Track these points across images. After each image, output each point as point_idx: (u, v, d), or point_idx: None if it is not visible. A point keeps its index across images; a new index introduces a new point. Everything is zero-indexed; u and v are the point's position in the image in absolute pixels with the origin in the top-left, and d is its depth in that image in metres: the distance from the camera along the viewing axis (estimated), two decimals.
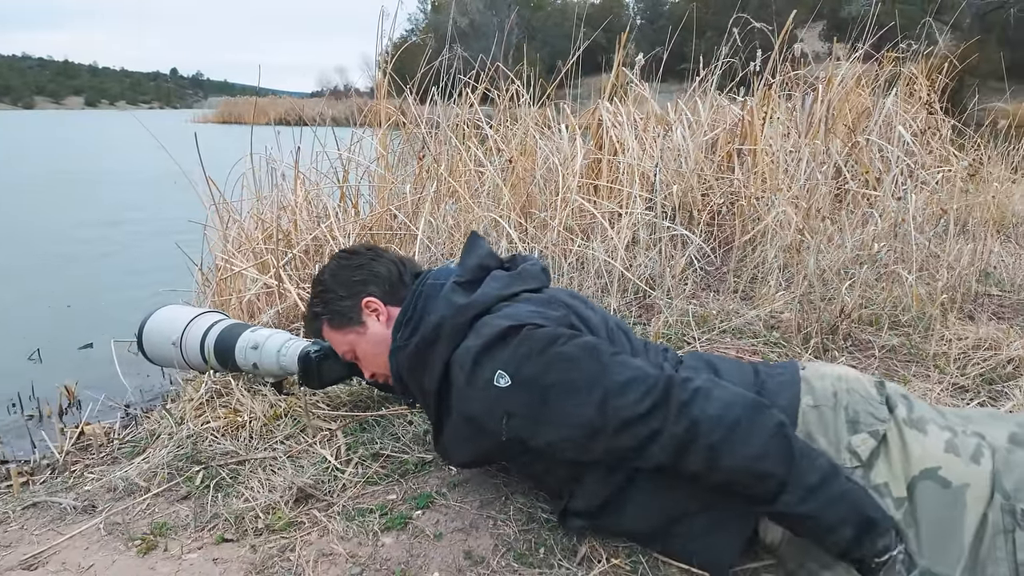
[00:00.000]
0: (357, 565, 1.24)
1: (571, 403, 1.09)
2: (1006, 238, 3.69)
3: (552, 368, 1.11)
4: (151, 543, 1.31)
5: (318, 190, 2.92)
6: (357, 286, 1.42)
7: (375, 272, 1.43)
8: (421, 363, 1.28)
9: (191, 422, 1.70)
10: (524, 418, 1.14)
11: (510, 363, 1.13)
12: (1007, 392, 1.94)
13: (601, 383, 1.08)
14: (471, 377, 1.18)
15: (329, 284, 1.44)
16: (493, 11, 21.44)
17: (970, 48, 6.09)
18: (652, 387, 1.06)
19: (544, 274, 1.40)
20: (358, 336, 1.43)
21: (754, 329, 2.39)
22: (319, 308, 1.46)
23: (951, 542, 0.99)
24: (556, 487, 1.31)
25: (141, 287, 3.64)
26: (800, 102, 4.09)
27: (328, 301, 1.44)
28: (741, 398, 1.06)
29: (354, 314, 1.42)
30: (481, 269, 1.35)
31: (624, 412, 1.06)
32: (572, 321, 1.22)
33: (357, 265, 1.44)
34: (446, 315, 1.25)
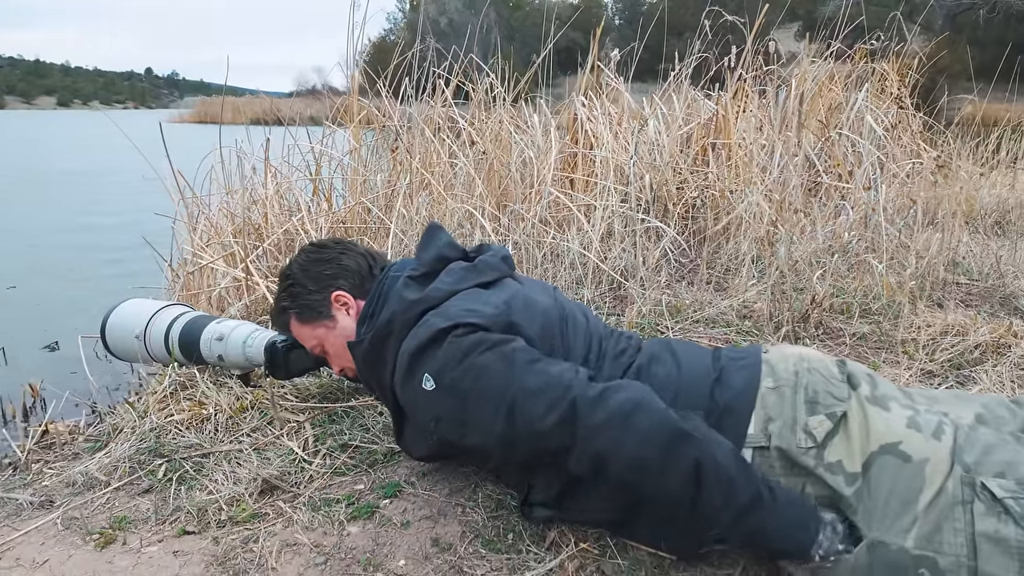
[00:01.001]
0: (321, 555, 1.22)
1: (484, 413, 1.10)
2: (974, 229, 3.75)
3: (468, 376, 1.11)
4: (110, 537, 1.27)
5: (290, 184, 2.89)
6: (327, 279, 1.40)
7: (344, 265, 1.41)
8: (376, 358, 1.28)
9: (154, 415, 1.67)
10: (450, 422, 1.15)
11: (435, 367, 1.14)
12: (974, 376, 1.96)
13: (509, 393, 1.08)
14: (405, 378, 1.19)
15: (298, 277, 1.42)
16: (472, 10, 21.41)
17: (940, 47, 6.19)
18: (558, 401, 1.05)
19: (505, 263, 1.37)
20: (327, 330, 1.41)
21: (727, 319, 2.40)
22: (287, 302, 1.44)
23: (905, 512, 0.99)
24: (515, 481, 1.31)
25: (110, 284, 3.57)
26: (773, 97, 4.13)
27: (296, 295, 1.42)
28: (657, 434, 1.02)
29: (323, 308, 1.40)
30: (439, 261, 1.33)
31: (531, 424, 1.06)
32: (510, 319, 1.19)
33: (327, 259, 1.42)
34: (396, 310, 1.24)
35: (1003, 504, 0.95)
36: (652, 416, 1.03)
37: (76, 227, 6.04)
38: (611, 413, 1.03)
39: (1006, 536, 0.93)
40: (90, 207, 7.01)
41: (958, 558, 0.94)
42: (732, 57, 3.99)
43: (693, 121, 3.86)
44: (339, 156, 3.05)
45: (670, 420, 1.03)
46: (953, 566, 0.94)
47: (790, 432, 1.09)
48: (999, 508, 0.95)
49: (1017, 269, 2.94)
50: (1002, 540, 0.93)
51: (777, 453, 1.09)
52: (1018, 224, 3.88)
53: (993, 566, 0.93)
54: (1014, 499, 0.95)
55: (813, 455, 1.07)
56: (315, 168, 2.97)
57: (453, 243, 1.39)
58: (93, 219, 6.38)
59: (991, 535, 0.94)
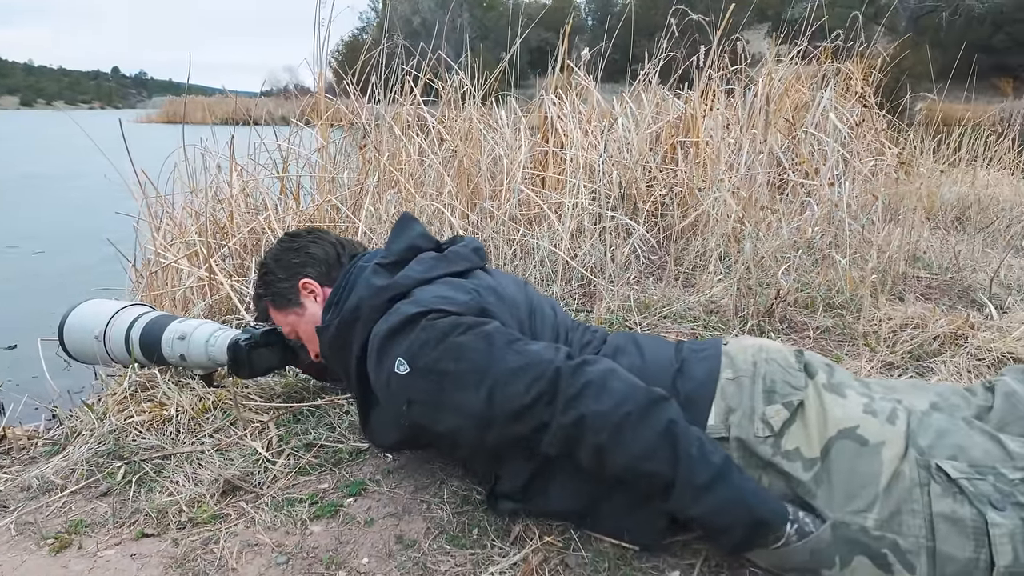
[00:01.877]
0: (283, 554, 1.20)
1: (463, 393, 1.10)
2: (934, 225, 3.84)
3: (446, 357, 1.11)
4: (65, 541, 1.24)
5: (256, 182, 2.85)
6: (295, 268, 1.45)
7: (312, 254, 1.45)
8: (342, 343, 1.29)
9: (114, 417, 1.63)
10: (423, 405, 1.15)
11: (409, 351, 1.14)
12: (933, 367, 2.01)
13: (491, 372, 1.09)
14: (377, 362, 1.19)
15: (271, 266, 1.48)
16: (445, 10, 21.35)
17: (903, 47, 6.32)
18: (539, 376, 1.06)
19: (476, 254, 1.40)
20: (298, 317, 1.46)
21: (694, 314, 2.42)
22: (262, 290, 1.50)
23: (864, 494, 1.01)
24: (482, 471, 1.31)
25: (72, 286, 3.49)
26: (741, 96, 4.18)
27: (269, 283, 1.48)
28: (633, 394, 1.04)
29: (292, 295, 1.45)
30: (409, 251, 1.35)
31: (511, 402, 1.07)
32: (483, 305, 1.21)
33: (296, 247, 1.47)
34: (364, 296, 1.26)
35: (958, 485, 0.98)
36: (627, 380, 1.07)
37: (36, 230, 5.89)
38: (589, 379, 1.05)
39: (962, 516, 0.95)
40: (52, 209, 6.85)
41: (917, 539, 0.97)
42: (700, 56, 4.03)
43: (662, 120, 3.89)
44: (307, 154, 3.02)
45: (643, 386, 1.06)
46: (914, 547, 0.97)
47: (748, 422, 1.11)
48: (954, 489, 0.98)
49: (975, 263, 3.01)
50: (958, 520, 0.95)
51: (736, 443, 1.10)
52: (976, 220, 3.98)
53: (950, 546, 0.95)
54: (968, 479, 0.98)
55: (771, 444, 1.08)
56: (282, 166, 2.93)
57: (426, 234, 1.41)
58: (55, 221, 6.24)
59: (948, 515, 0.96)
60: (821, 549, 1.01)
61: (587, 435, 1.04)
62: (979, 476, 0.98)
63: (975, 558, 0.94)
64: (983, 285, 2.67)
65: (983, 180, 4.60)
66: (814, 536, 1.01)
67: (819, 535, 1.01)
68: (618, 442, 1.03)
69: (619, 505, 1.17)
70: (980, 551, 0.94)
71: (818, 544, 1.01)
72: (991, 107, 7.18)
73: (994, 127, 5.49)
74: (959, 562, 0.94)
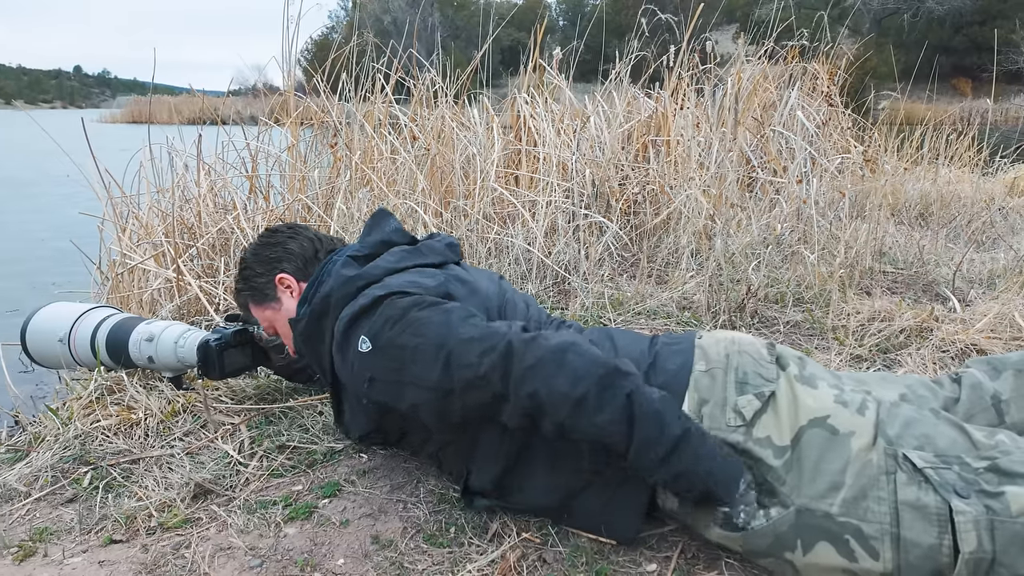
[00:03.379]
0: (257, 557, 1.18)
1: (422, 365, 1.12)
2: (899, 221, 3.92)
3: (406, 332, 1.13)
4: (29, 549, 1.21)
5: (225, 182, 2.80)
6: (272, 263, 1.44)
7: (289, 249, 1.45)
8: (313, 334, 1.30)
9: (79, 421, 1.59)
10: (384, 382, 1.17)
11: (371, 329, 1.17)
12: (900, 360, 2.05)
13: (447, 344, 1.10)
14: (341, 344, 1.21)
15: (249, 261, 1.48)
16: (415, 9, 21.23)
17: (867, 48, 6.45)
18: (492, 348, 1.08)
19: (449, 249, 1.41)
20: (274, 312, 1.45)
21: (667, 310, 2.44)
22: (240, 285, 1.49)
23: (831, 479, 1.03)
24: (455, 465, 1.31)
25: (35, 288, 3.40)
26: (710, 95, 4.23)
27: (247, 278, 1.47)
28: (592, 369, 1.05)
29: (269, 290, 1.44)
30: (383, 245, 1.37)
31: (465, 372, 1.09)
32: (448, 290, 1.23)
33: (274, 243, 1.47)
34: (334, 287, 1.27)
35: (923, 474, 1.00)
36: (584, 355, 1.06)
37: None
38: (544, 353, 1.06)
39: (926, 504, 0.98)
40: (11, 213, 6.65)
41: (882, 525, 0.99)
42: (671, 56, 4.07)
43: (633, 119, 3.92)
44: (276, 153, 2.98)
45: (602, 358, 1.07)
46: (877, 533, 0.99)
47: (720, 412, 1.12)
48: (920, 478, 1.00)
49: (938, 258, 3.09)
50: (923, 507, 0.98)
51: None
52: (939, 216, 4.08)
53: (914, 532, 0.97)
54: (933, 469, 1.00)
55: (742, 432, 1.10)
56: (251, 165, 2.89)
57: (400, 229, 1.43)
58: (14, 223, 6.06)
59: (913, 503, 0.98)
60: (784, 532, 1.03)
61: (546, 411, 1.05)
62: (944, 465, 1.01)
63: (938, 544, 0.96)
64: (946, 279, 2.73)
65: (945, 177, 4.71)
66: (772, 524, 1.04)
67: (782, 521, 1.03)
68: (577, 421, 1.05)
69: (595, 500, 1.18)
70: (944, 537, 0.96)
71: (781, 528, 1.03)
72: (951, 107, 7.36)
73: (954, 126, 5.62)
74: (922, 548, 0.97)
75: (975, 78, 21.84)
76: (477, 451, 1.23)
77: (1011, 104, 16.29)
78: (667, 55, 4.06)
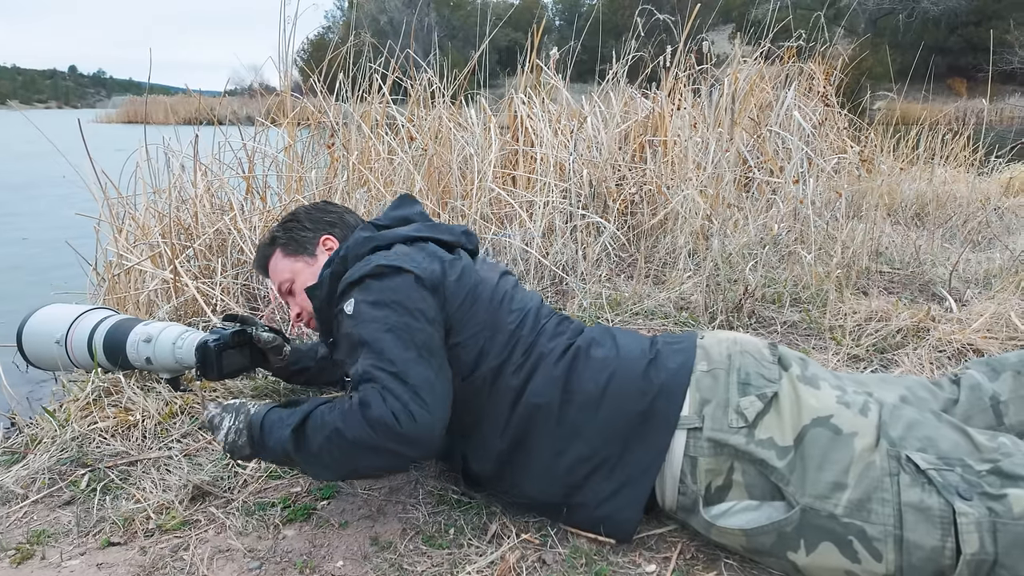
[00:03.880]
0: (256, 559, 1.18)
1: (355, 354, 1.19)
2: (895, 221, 3.94)
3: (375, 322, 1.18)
4: (27, 552, 1.21)
5: (221, 182, 2.79)
6: (323, 224, 1.49)
7: (345, 220, 1.51)
8: (331, 294, 1.32)
9: (76, 423, 1.58)
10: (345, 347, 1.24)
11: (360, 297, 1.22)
12: (896, 359, 2.06)
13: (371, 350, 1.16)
14: (337, 298, 1.28)
15: (300, 216, 1.51)
16: (412, 9, 21.21)
17: (863, 48, 6.47)
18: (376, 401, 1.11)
19: (465, 236, 1.44)
20: (305, 265, 1.46)
21: (665, 310, 2.44)
22: (279, 232, 1.51)
23: (835, 481, 1.03)
24: (452, 454, 1.32)
25: (31, 289, 3.38)
26: (707, 96, 4.23)
27: (291, 229, 1.50)
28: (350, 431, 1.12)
29: (310, 245, 1.47)
30: (403, 220, 1.42)
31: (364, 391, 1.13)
32: (442, 281, 1.25)
33: (332, 210, 1.53)
34: (350, 245, 1.33)
35: (927, 475, 1.00)
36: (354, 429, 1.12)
37: None
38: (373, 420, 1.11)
39: (930, 506, 0.98)
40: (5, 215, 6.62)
41: (885, 527, 0.99)
42: (667, 56, 4.07)
43: (630, 119, 3.92)
44: (273, 153, 2.97)
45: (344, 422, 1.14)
46: (881, 535, 0.99)
47: (722, 413, 1.12)
48: (923, 479, 1.00)
49: (934, 258, 3.10)
50: (926, 509, 0.98)
51: (708, 435, 1.12)
52: (935, 216, 4.10)
53: (918, 534, 0.97)
54: (936, 471, 1.00)
55: (744, 434, 1.10)
56: (248, 166, 2.88)
57: (423, 212, 1.48)
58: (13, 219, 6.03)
59: (916, 505, 0.98)
60: (787, 532, 1.04)
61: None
62: (947, 467, 1.01)
63: (941, 546, 0.96)
64: (943, 279, 2.74)
65: (940, 177, 4.73)
66: (777, 524, 1.04)
67: (787, 521, 1.03)
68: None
69: (595, 495, 1.18)
70: (946, 539, 0.96)
71: (786, 528, 1.03)
72: (946, 107, 7.38)
73: (950, 126, 5.65)
74: (925, 550, 0.97)
75: (970, 78, 21.92)
76: (473, 439, 1.25)
77: (1006, 104, 16.35)
78: (664, 55, 4.06)
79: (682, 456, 1.13)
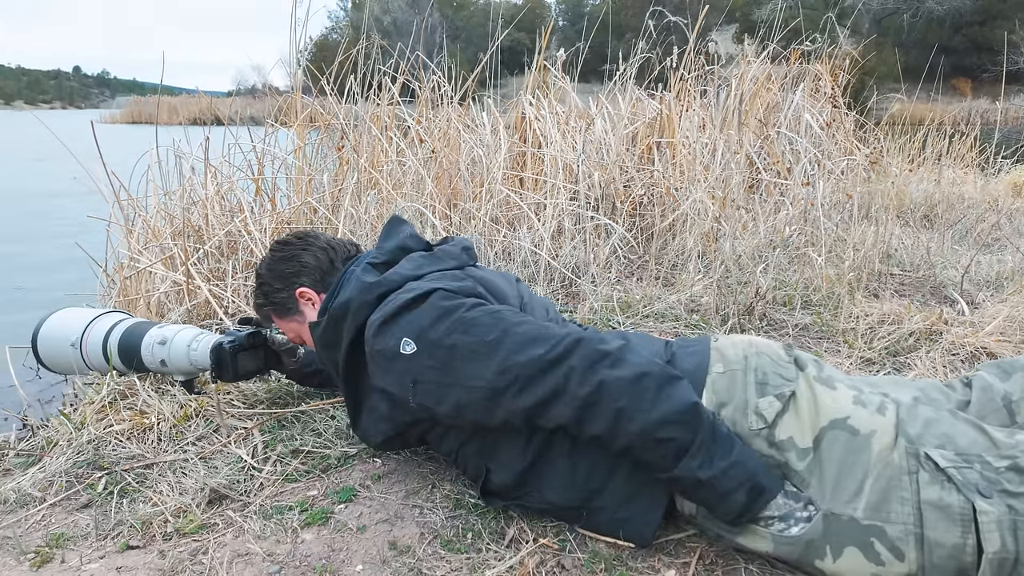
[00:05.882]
0: (275, 563, 1.18)
1: (473, 364, 1.12)
2: (905, 222, 3.92)
3: (455, 331, 1.13)
4: (46, 555, 1.21)
5: (231, 184, 2.80)
6: (290, 278, 1.45)
7: (304, 263, 1.45)
8: (331, 340, 1.30)
9: (92, 426, 1.59)
10: (429, 383, 1.16)
11: (414, 330, 1.15)
12: (909, 363, 2.05)
13: (503, 344, 1.11)
14: (378, 348, 1.20)
15: (265, 277, 1.48)
16: (416, 9, 21.23)
17: (869, 49, 6.45)
18: (557, 343, 1.09)
19: (466, 253, 1.41)
20: (299, 324, 1.47)
21: (675, 313, 2.44)
22: (261, 300, 1.50)
23: (854, 483, 1.03)
24: (473, 465, 1.31)
25: (42, 291, 3.39)
26: (714, 97, 4.23)
27: (267, 293, 1.48)
28: (654, 366, 1.08)
29: (292, 304, 1.46)
30: (400, 251, 1.37)
31: (526, 368, 1.08)
32: (479, 291, 1.24)
33: (288, 257, 1.46)
34: (354, 293, 1.27)
35: (946, 473, 1.00)
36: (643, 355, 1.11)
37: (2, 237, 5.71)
38: (608, 350, 1.09)
39: (950, 503, 0.98)
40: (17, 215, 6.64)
41: (905, 526, 0.99)
42: (675, 58, 4.07)
43: (638, 120, 3.92)
44: (283, 155, 2.98)
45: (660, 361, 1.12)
46: (901, 534, 0.99)
47: (742, 416, 1.12)
48: (942, 477, 1.00)
49: (945, 260, 3.09)
50: (946, 507, 0.98)
51: None
52: (945, 217, 4.08)
53: (938, 532, 0.97)
54: (956, 468, 1.00)
55: (764, 436, 1.10)
56: (257, 168, 2.89)
57: (415, 235, 1.44)
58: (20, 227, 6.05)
59: (936, 503, 0.98)
60: (814, 540, 1.03)
61: (606, 401, 1.05)
62: (966, 464, 1.01)
63: (962, 544, 0.96)
64: (954, 281, 2.73)
65: (948, 178, 4.72)
66: (804, 531, 1.03)
67: (811, 529, 1.03)
68: (639, 406, 1.04)
69: (615, 498, 1.17)
70: (967, 537, 0.96)
71: (809, 536, 1.03)
72: (951, 107, 7.36)
73: (956, 126, 5.63)
74: (946, 548, 0.97)
75: (974, 78, 21.86)
76: (499, 450, 1.23)
77: (1011, 104, 16.30)
78: (671, 57, 4.06)
79: None
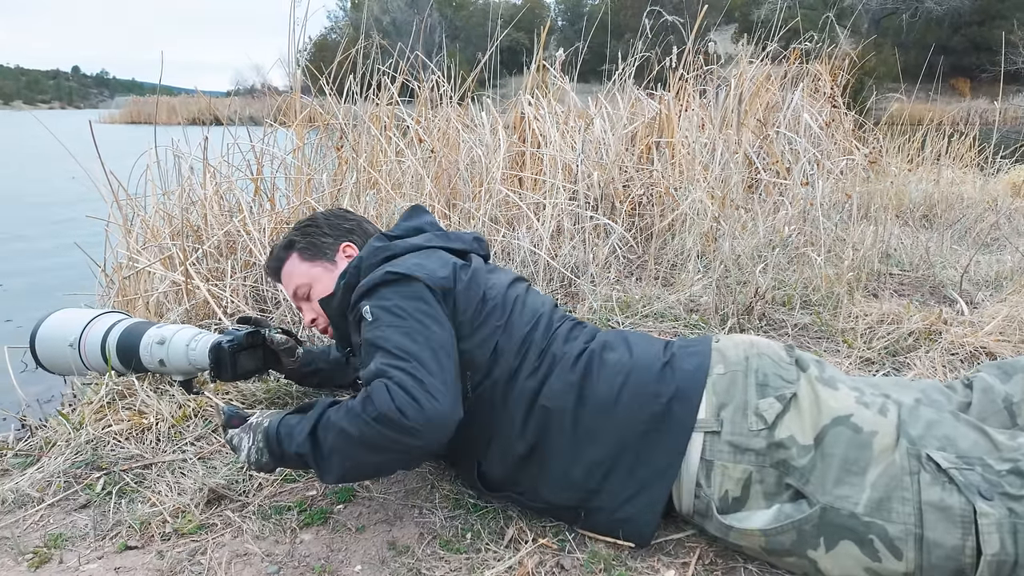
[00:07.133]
0: (274, 563, 1.18)
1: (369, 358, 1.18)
2: (904, 222, 3.93)
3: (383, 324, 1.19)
4: (44, 556, 1.20)
5: (230, 184, 2.79)
6: (343, 231, 1.51)
7: (363, 228, 1.53)
8: (344, 303, 1.33)
9: (90, 426, 1.58)
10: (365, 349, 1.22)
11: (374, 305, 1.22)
12: (909, 363, 2.05)
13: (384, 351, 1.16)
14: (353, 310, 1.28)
15: (319, 222, 1.52)
16: (415, 9, 21.23)
17: (868, 49, 6.46)
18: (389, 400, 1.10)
19: (476, 242, 1.46)
20: (324, 271, 1.47)
21: (675, 313, 2.44)
22: (297, 237, 1.51)
23: (855, 480, 1.03)
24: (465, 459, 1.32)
25: (40, 291, 3.39)
26: (714, 97, 4.23)
27: (310, 234, 1.50)
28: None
29: (330, 251, 1.48)
30: (415, 231, 1.43)
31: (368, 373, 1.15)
32: (452, 287, 1.26)
33: (351, 218, 1.55)
34: (364, 255, 1.34)
35: (947, 474, 1.00)
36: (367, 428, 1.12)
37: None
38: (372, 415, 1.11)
39: (951, 505, 0.98)
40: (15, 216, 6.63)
41: (906, 526, 0.99)
42: (674, 58, 4.07)
43: (637, 120, 3.92)
44: (282, 155, 2.97)
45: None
46: (902, 534, 0.99)
47: (742, 417, 1.12)
48: (944, 478, 1.00)
49: (944, 260, 3.09)
50: (947, 508, 0.98)
51: (728, 439, 1.12)
52: (944, 217, 4.08)
53: (938, 533, 0.97)
54: (957, 470, 1.00)
55: (764, 436, 1.10)
56: (256, 168, 2.88)
57: (434, 222, 1.49)
58: (23, 220, 6.04)
59: (937, 504, 0.98)
60: (807, 530, 1.04)
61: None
62: (968, 467, 1.01)
63: (961, 545, 0.96)
64: (953, 281, 2.73)
65: (947, 178, 4.72)
66: (798, 523, 1.04)
67: (807, 520, 1.03)
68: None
69: (613, 498, 1.18)
70: (967, 539, 0.96)
71: (806, 527, 1.03)
72: (950, 107, 7.37)
73: (955, 126, 5.64)
74: (945, 549, 0.97)
75: (973, 78, 21.88)
76: (492, 444, 1.25)
77: (1010, 104, 16.31)
78: (670, 56, 4.06)
79: (699, 460, 1.13)
